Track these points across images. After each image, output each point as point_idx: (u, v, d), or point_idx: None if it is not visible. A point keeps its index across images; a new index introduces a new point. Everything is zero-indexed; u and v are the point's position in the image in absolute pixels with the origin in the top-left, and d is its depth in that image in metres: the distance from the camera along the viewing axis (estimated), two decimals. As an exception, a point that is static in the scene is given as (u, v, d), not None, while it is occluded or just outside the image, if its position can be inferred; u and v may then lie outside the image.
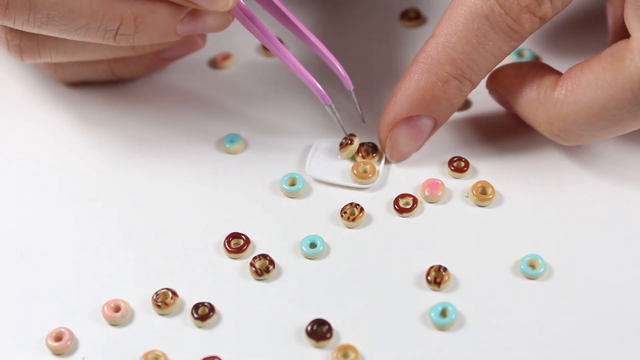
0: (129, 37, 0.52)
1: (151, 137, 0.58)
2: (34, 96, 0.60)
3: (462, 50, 0.52)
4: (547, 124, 0.53)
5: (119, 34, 0.52)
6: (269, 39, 0.54)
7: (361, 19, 0.64)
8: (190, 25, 0.53)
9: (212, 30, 0.54)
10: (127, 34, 0.52)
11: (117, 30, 0.52)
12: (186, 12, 0.53)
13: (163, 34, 0.53)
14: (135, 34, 0.52)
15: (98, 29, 0.52)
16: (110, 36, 0.52)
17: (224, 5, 0.52)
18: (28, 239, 0.53)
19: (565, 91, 0.52)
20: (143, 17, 0.52)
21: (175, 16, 0.53)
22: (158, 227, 0.54)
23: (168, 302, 0.50)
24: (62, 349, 0.49)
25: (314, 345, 0.49)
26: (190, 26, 0.53)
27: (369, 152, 0.56)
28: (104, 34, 0.52)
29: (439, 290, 0.51)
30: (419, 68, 0.53)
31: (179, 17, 0.53)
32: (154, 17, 0.52)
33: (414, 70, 0.53)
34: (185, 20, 0.53)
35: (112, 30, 0.52)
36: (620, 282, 0.51)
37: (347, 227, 0.54)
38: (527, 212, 0.54)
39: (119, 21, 0.52)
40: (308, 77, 0.55)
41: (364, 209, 0.54)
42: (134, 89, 0.61)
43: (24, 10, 0.51)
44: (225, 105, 0.59)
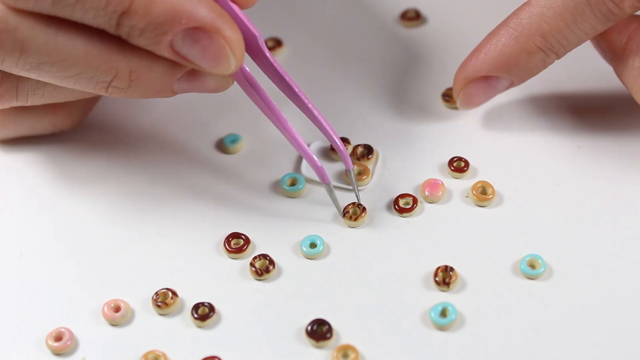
0: (122, 90, 0.49)
1: (151, 137, 0.58)
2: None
3: (556, 25, 0.52)
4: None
5: (111, 86, 0.49)
6: (270, 109, 0.52)
7: (361, 19, 0.64)
8: (188, 84, 0.50)
9: (210, 91, 0.51)
10: (120, 87, 0.49)
11: (110, 82, 0.49)
12: (185, 71, 0.50)
13: (158, 91, 0.50)
14: (129, 88, 0.49)
15: (90, 79, 0.49)
16: (103, 87, 0.49)
17: (226, 69, 0.48)
18: (28, 239, 0.53)
19: None
20: (138, 73, 0.49)
21: (172, 75, 0.50)
22: (158, 227, 0.54)
23: (168, 302, 0.50)
24: (62, 349, 0.49)
25: (314, 345, 0.49)
26: (187, 85, 0.50)
27: (364, 154, 0.56)
28: (95, 84, 0.49)
29: (448, 290, 0.51)
30: (508, 33, 0.53)
31: (176, 76, 0.50)
32: (149, 75, 0.49)
33: (503, 32, 0.53)
34: (183, 80, 0.50)
35: (104, 82, 0.49)
36: (620, 282, 0.51)
37: (350, 226, 0.54)
38: (527, 212, 0.54)
39: (113, 74, 0.49)
40: (307, 153, 0.53)
41: (366, 209, 0.54)
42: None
43: (15, 52, 0.48)
44: (225, 105, 0.59)
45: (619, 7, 0.51)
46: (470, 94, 0.55)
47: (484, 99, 0.56)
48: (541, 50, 0.53)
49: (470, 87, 0.55)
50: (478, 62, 0.54)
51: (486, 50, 0.54)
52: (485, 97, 0.56)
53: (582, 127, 0.57)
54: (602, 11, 0.51)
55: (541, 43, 0.53)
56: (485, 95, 0.55)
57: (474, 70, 0.55)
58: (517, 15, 0.53)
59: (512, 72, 0.54)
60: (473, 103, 0.56)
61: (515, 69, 0.54)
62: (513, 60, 0.53)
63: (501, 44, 0.53)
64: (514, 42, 0.53)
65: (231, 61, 0.48)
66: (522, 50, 0.53)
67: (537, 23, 0.52)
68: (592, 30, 0.52)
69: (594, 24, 0.52)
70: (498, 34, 0.53)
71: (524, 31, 0.53)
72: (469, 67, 0.55)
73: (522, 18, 0.53)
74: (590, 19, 0.51)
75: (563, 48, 0.53)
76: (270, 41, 0.63)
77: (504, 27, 0.53)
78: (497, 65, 0.54)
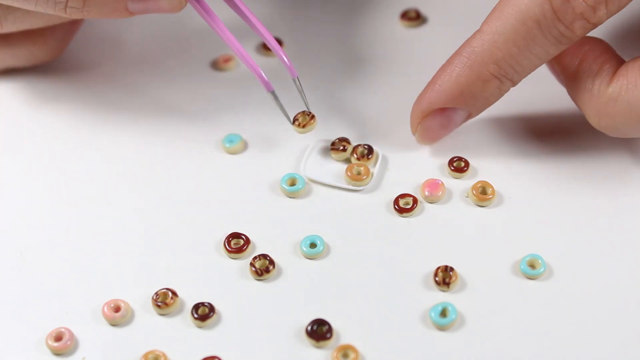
0: (79, 10, 0.53)
1: (151, 137, 0.58)
2: (34, 96, 0.60)
3: (508, 51, 0.51)
4: (596, 117, 0.52)
5: (68, 6, 0.53)
6: (216, 24, 0.54)
7: (361, 19, 0.64)
8: (142, 4, 0.54)
9: (166, 11, 0.54)
10: (76, 7, 0.53)
11: (67, 3, 0.53)
12: None
13: (113, 10, 0.54)
14: (84, 7, 0.53)
15: (48, 0, 0.53)
16: (61, 8, 0.53)
17: None
18: (28, 239, 0.53)
19: (619, 90, 0.51)
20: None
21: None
22: (158, 227, 0.54)
23: (168, 302, 0.50)
24: (62, 349, 0.49)
25: (314, 345, 0.49)
26: (142, 5, 0.54)
27: (364, 154, 0.56)
28: (54, 5, 0.53)
29: (448, 290, 0.51)
30: (461, 62, 0.52)
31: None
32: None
33: (456, 63, 0.53)
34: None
35: (62, 2, 0.53)
36: (620, 282, 0.51)
37: (299, 133, 0.55)
38: (527, 212, 0.54)
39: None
40: (252, 64, 0.54)
41: (315, 116, 0.55)
42: (134, 89, 0.61)
43: None
44: (225, 105, 0.60)
45: (569, 29, 0.50)
46: (427, 127, 0.55)
47: (442, 133, 0.55)
48: (496, 77, 0.52)
49: (428, 120, 0.54)
50: (433, 94, 0.54)
51: (441, 82, 0.53)
52: (443, 130, 0.55)
53: (582, 127, 0.57)
54: (554, 34, 0.51)
55: (495, 70, 0.52)
56: (443, 128, 0.55)
57: (430, 103, 0.54)
58: (470, 43, 0.52)
59: (468, 103, 0.53)
60: (431, 137, 0.55)
61: (471, 99, 0.53)
62: (468, 90, 0.53)
63: (455, 74, 0.53)
64: (468, 71, 0.52)
65: None
66: (477, 79, 0.52)
67: (490, 50, 0.52)
68: (545, 55, 0.51)
69: (547, 47, 0.51)
70: (452, 64, 0.53)
71: (477, 59, 0.52)
72: (425, 100, 0.54)
73: (475, 46, 0.52)
74: (542, 43, 0.51)
75: (517, 74, 0.52)
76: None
77: (457, 57, 0.53)
78: (453, 96, 0.53)
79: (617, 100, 0.51)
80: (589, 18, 0.50)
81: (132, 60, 0.62)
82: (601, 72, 0.52)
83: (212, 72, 0.62)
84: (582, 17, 0.50)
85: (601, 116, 0.52)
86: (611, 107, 0.51)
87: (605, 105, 0.52)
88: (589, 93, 0.52)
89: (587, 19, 0.50)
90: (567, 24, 0.50)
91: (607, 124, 0.52)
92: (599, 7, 0.50)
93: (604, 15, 0.50)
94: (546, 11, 0.50)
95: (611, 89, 0.52)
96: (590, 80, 0.52)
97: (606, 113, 0.52)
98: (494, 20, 0.51)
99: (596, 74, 0.52)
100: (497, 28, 0.51)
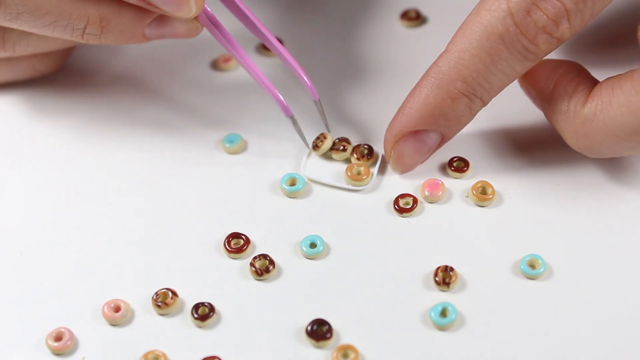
0: (96, 36, 0.54)
1: (152, 137, 0.58)
2: (34, 97, 0.60)
3: (474, 68, 0.51)
4: (573, 138, 0.52)
5: (86, 33, 0.54)
6: (234, 48, 0.55)
7: (361, 19, 0.64)
8: (159, 30, 0.55)
9: (182, 36, 0.55)
10: (93, 33, 0.54)
11: (84, 29, 0.54)
12: (153, 17, 0.55)
13: (130, 37, 0.55)
14: (102, 34, 0.54)
15: (66, 27, 0.53)
16: (78, 34, 0.54)
17: (187, 12, 0.53)
18: (28, 239, 0.53)
19: (594, 110, 0.51)
20: (108, 19, 0.54)
21: (141, 20, 0.54)
22: (158, 227, 0.54)
23: (168, 302, 0.50)
24: (62, 349, 0.49)
25: (314, 345, 0.49)
26: (158, 31, 0.55)
27: (364, 154, 0.56)
28: (71, 32, 0.54)
29: (448, 290, 0.51)
30: (429, 83, 0.52)
31: (145, 22, 0.55)
32: (119, 20, 0.54)
33: (424, 84, 0.53)
34: (153, 25, 0.55)
35: (79, 29, 0.54)
36: (620, 282, 0.51)
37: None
38: (527, 212, 0.54)
39: (85, 21, 0.53)
40: (270, 88, 0.55)
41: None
42: (134, 89, 0.61)
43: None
44: (225, 105, 0.60)
45: (533, 44, 0.50)
46: (401, 153, 0.54)
47: (416, 158, 0.55)
48: (464, 95, 0.52)
49: (400, 145, 0.54)
50: (404, 117, 0.53)
51: (410, 104, 0.53)
52: (416, 155, 0.54)
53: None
54: (518, 49, 0.51)
55: (463, 88, 0.52)
56: (416, 153, 0.54)
57: (402, 127, 0.54)
58: (437, 64, 0.52)
59: (439, 123, 0.53)
60: (406, 164, 0.55)
61: (442, 119, 0.53)
62: (438, 110, 0.53)
63: (424, 94, 0.53)
64: (436, 90, 0.52)
65: (192, 4, 0.52)
66: (445, 98, 0.52)
67: (456, 68, 0.52)
68: (511, 71, 0.51)
69: (512, 63, 0.51)
70: (420, 86, 0.53)
71: (444, 78, 0.52)
72: (396, 124, 0.54)
73: (441, 66, 0.52)
74: (507, 58, 0.51)
75: (486, 92, 0.52)
76: (270, 41, 0.63)
77: (425, 79, 0.53)
78: (423, 117, 0.53)
79: (593, 121, 0.51)
80: (551, 32, 0.50)
81: (132, 61, 0.62)
82: (576, 93, 0.52)
83: (212, 72, 0.62)
84: (544, 30, 0.50)
85: (579, 137, 0.52)
86: (587, 127, 0.51)
87: (582, 126, 0.52)
88: (565, 115, 0.53)
89: (550, 32, 0.50)
90: (530, 38, 0.50)
91: (585, 145, 0.52)
92: (561, 20, 0.50)
93: (567, 30, 0.50)
94: (508, 25, 0.50)
95: (586, 110, 0.52)
96: (565, 102, 0.53)
97: (583, 134, 0.52)
98: (459, 38, 0.52)
99: (571, 95, 0.52)
100: (462, 45, 0.51)
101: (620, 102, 0.50)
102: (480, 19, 0.51)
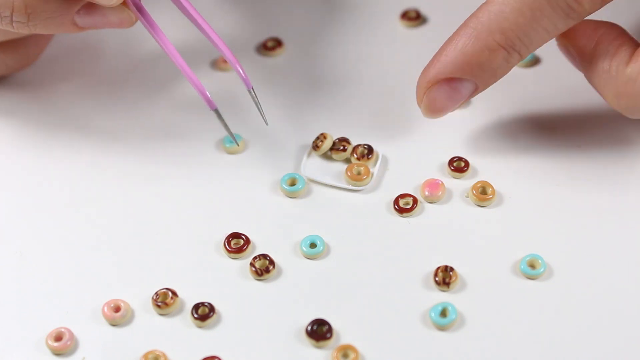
0: (24, 25, 0.53)
1: (152, 137, 0.58)
2: (34, 96, 0.60)
3: (515, 21, 0.51)
4: (615, 98, 0.52)
5: (14, 20, 0.53)
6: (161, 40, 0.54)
7: (361, 19, 0.64)
8: (89, 18, 0.54)
9: (115, 26, 0.54)
10: (21, 21, 0.53)
11: (11, 17, 0.53)
12: (81, 4, 0.53)
13: (59, 24, 0.53)
14: (29, 22, 0.53)
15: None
16: (7, 22, 0.53)
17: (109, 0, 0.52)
18: (28, 239, 0.53)
19: (638, 70, 0.51)
20: (33, 6, 0.52)
21: (68, 8, 0.53)
22: (158, 227, 0.54)
23: (168, 302, 0.50)
24: (62, 349, 0.49)
25: (314, 345, 0.49)
26: (89, 19, 0.54)
27: (364, 154, 0.56)
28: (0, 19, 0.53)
29: (448, 290, 0.51)
30: (468, 32, 0.52)
31: (73, 9, 0.53)
32: (45, 7, 0.53)
33: (463, 33, 0.52)
34: (82, 13, 0.53)
35: (7, 17, 0.53)
36: (620, 282, 0.51)
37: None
38: (527, 212, 0.54)
39: (10, 8, 0.53)
40: (194, 81, 0.54)
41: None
42: (134, 89, 0.61)
43: None
44: (225, 105, 0.59)
45: (577, 2, 0.50)
46: (433, 98, 0.53)
47: (449, 105, 0.54)
48: (502, 47, 0.52)
49: (433, 90, 0.53)
50: (439, 64, 0.53)
51: (447, 52, 0.52)
52: (450, 102, 0.54)
53: (582, 127, 0.57)
54: (562, 7, 0.50)
55: (502, 40, 0.51)
56: (449, 100, 0.53)
57: (436, 73, 0.53)
58: (476, 15, 0.52)
59: (475, 73, 0.52)
60: (437, 109, 0.54)
61: (478, 69, 0.52)
62: (475, 59, 0.52)
63: (461, 43, 0.52)
64: (474, 40, 0.52)
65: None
66: (483, 48, 0.52)
67: (496, 20, 0.51)
68: (552, 28, 0.51)
69: (555, 20, 0.51)
70: (458, 34, 0.52)
71: (484, 29, 0.51)
72: (431, 70, 0.53)
73: (481, 17, 0.52)
74: (550, 15, 0.50)
75: (525, 47, 0.52)
76: (271, 41, 0.63)
77: (464, 28, 0.52)
78: (459, 65, 0.52)
79: (636, 81, 0.51)
80: None
81: (132, 61, 0.62)
82: (618, 53, 0.52)
83: (212, 72, 0.62)
84: None
85: (620, 97, 0.52)
86: (630, 87, 0.51)
87: (624, 86, 0.52)
88: (606, 74, 0.52)
89: None
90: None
91: (627, 104, 0.52)
92: None
93: None
94: None
95: (629, 70, 0.51)
96: (607, 62, 0.52)
97: (625, 93, 0.52)
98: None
99: (613, 55, 0.52)
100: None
101: None
102: None
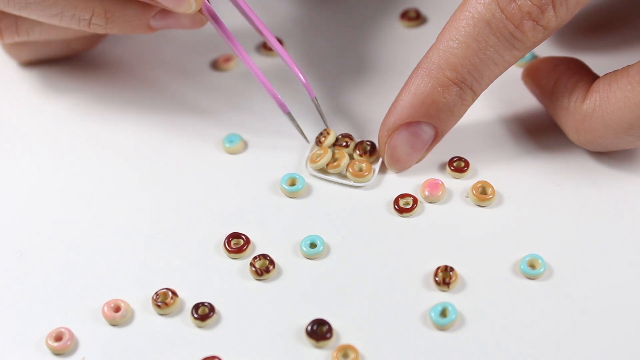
0: (102, 27, 0.55)
1: (151, 137, 0.58)
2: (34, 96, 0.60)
3: (463, 55, 0.52)
4: (575, 133, 0.54)
5: (92, 23, 0.55)
6: (234, 45, 0.55)
7: (361, 19, 0.64)
8: (163, 21, 0.56)
9: (187, 27, 0.56)
10: (99, 24, 0.55)
11: (90, 20, 0.55)
12: (157, 10, 0.56)
13: (135, 27, 0.56)
14: (107, 25, 0.55)
15: (72, 17, 0.55)
16: (85, 24, 0.55)
17: (187, 8, 0.53)
18: (28, 239, 0.53)
19: (593, 105, 0.52)
20: (113, 12, 0.55)
21: (145, 13, 0.56)
22: (158, 227, 0.54)
23: (168, 302, 0.50)
24: (62, 349, 0.49)
25: (314, 345, 0.49)
26: (163, 22, 0.56)
27: (367, 151, 0.56)
28: (78, 21, 0.55)
29: (448, 290, 0.51)
30: (420, 74, 0.53)
31: (149, 14, 0.56)
32: (124, 13, 0.55)
33: (415, 75, 0.53)
34: (158, 17, 0.56)
35: (85, 20, 0.55)
36: (620, 282, 0.51)
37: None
38: (527, 212, 0.54)
39: (90, 12, 0.55)
40: (267, 85, 0.55)
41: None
42: (134, 89, 0.61)
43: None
44: (225, 105, 0.60)
45: (519, 30, 0.51)
46: (394, 146, 0.54)
47: (411, 153, 0.54)
48: (454, 83, 0.52)
49: (393, 138, 0.54)
50: (397, 110, 0.53)
51: (402, 98, 0.53)
52: (412, 150, 0.54)
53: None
54: (505, 35, 0.51)
55: (452, 76, 0.52)
56: (410, 146, 0.54)
57: (394, 120, 0.53)
58: (426, 56, 0.53)
59: (431, 114, 0.53)
60: (400, 158, 0.55)
61: (433, 109, 0.53)
62: (429, 99, 0.52)
63: (414, 86, 0.53)
64: (426, 79, 0.52)
65: (191, 1, 0.53)
66: (435, 86, 0.52)
67: (445, 57, 0.52)
68: (500, 59, 0.52)
69: (500, 50, 0.51)
70: (411, 79, 0.53)
71: (434, 67, 0.52)
72: (389, 119, 0.54)
73: (431, 56, 0.52)
74: (494, 44, 0.51)
75: (476, 81, 0.52)
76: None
77: (416, 71, 0.53)
78: (415, 106, 0.53)
79: (593, 116, 0.52)
80: (537, 19, 0.50)
81: (132, 61, 0.62)
82: (576, 90, 0.53)
83: (212, 72, 0.62)
84: (529, 17, 0.50)
85: (579, 132, 0.53)
86: (587, 123, 0.53)
87: (582, 122, 0.53)
88: (565, 111, 0.54)
89: (536, 19, 0.50)
90: (516, 24, 0.51)
91: (586, 139, 0.53)
92: (546, 7, 0.50)
93: (552, 17, 0.50)
94: (494, 11, 0.51)
95: (585, 106, 0.53)
96: (566, 99, 0.54)
97: (583, 129, 0.53)
98: (447, 29, 0.52)
99: (571, 92, 0.54)
100: (451, 35, 0.52)
101: (617, 97, 0.51)
102: (468, 8, 0.51)
